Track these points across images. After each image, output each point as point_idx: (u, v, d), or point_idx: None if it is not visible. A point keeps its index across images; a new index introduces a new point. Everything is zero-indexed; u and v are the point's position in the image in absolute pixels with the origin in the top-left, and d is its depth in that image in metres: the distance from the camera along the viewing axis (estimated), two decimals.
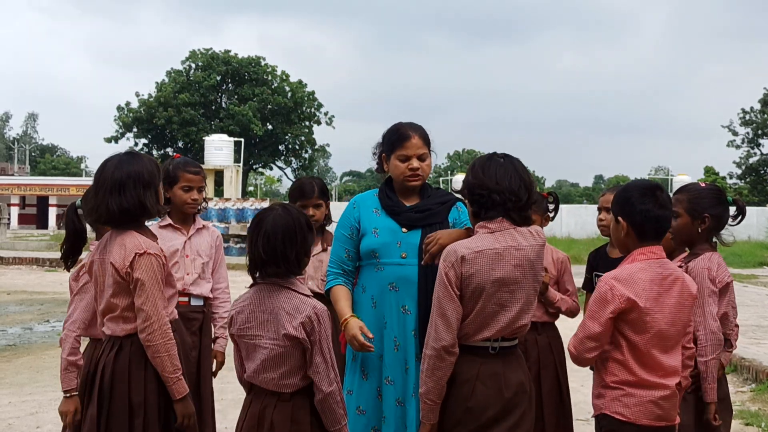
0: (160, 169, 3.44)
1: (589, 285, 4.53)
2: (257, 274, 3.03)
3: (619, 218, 3.14)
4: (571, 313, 4.38)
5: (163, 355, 3.22)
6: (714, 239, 3.62)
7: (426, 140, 3.74)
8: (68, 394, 3.57)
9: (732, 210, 3.67)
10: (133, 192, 3.27)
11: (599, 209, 4.44)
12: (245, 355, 3.05)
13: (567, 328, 4.44)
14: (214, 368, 4.55)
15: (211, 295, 4.57)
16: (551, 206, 4.37)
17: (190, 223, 4.57)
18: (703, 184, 3.67)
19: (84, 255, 3.90)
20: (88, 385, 3.37)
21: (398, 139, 3.72)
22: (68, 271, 3.79)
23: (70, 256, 3.72)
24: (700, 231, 3.53)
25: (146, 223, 3.48)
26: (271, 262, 2.97)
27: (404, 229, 3.66)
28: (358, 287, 3.74)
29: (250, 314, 3.01)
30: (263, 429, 2.95)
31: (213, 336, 4.54)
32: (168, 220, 4.52)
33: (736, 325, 3.66)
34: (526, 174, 3.07)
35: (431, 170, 3.83)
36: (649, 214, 3.07)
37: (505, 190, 2.99)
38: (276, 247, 2.96)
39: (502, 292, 2.96)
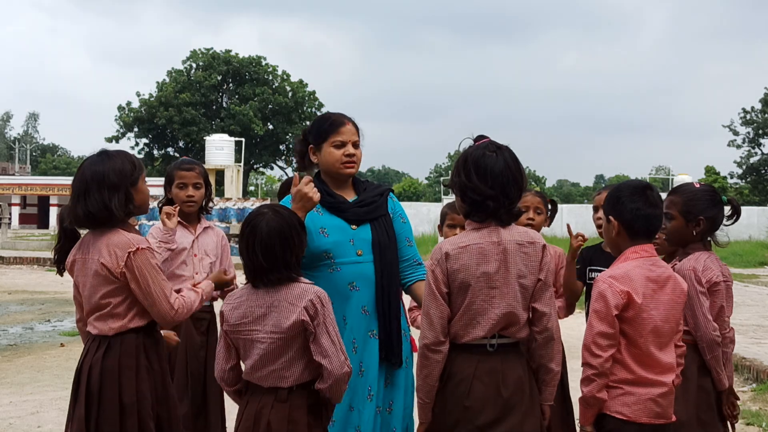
0: (137, 167, 3.36)
1: (579, 276, 4.50)
2: (257, 281, 2.97)
3: (610, 217, 3.16)
4: (559, 314, 4.40)
5: (193, 307, 3.42)
6: (709, 239, 3.61)
7: (358, 129, 3.63)
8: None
9: (727, 210, 3.65)
10: (97, 195, 3.22)
11: (595, 208, 4.46)
12: (242, 353, 3.03)
13: (567, 327, 4.45)
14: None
15: (216, 295, 4.57)
16: (549, 212, 4.43)
17: (195, 222, 4.60)
18: (698, 185, 3.65)
19: None
20: (73, 386, 3.33)
21: (332, 125, 3.58)
22: (61, 275, 3.73)
23: (62, 260, 3.67)
24: (694, 233, 3.52)
25: (149, 223, 3.48)
26: (273, 269, 2.93)
27: (353, 226, 3.55)
28: None
29: (247, 309, 2.98)
30: (260, 429, 2.93)
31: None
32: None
33: (731, 328, 3.63)
34: (517, 166, 3.02)
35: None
36: (639, 212, 3.09)
37: (499, 195, 2.95)
38: (275, 253, 2.92)
39: (488, 288, 2.94)
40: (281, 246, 2.93)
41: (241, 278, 4.71)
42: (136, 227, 4.72)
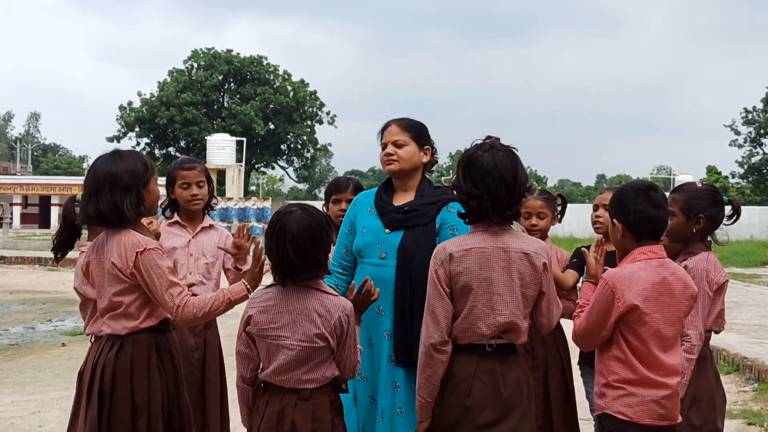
0: (149, 168, 3.37)
1: (576, 267, 4.46)
2: (286, 280, 2.98)
3: (614, 220, 3.15)
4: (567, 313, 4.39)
5: (207, 311, 3.24)
6: (709, 238, 3.62)
7: (407, 128, 3.72)
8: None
9: (727, 210, 3.66)
10: (108, 196, 3.23)
11: (595, 207, 4.44)
12: (265, 356, 3.02)
13: (570, 327, 4.44)
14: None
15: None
16: (559, 207, 4.39)
17: (197, 221, 4.56)
18: (699, 184, 3.67)
19: (77, 254, 3.88)
20: (87, 385, 3.35)
21: (381, 130, 3.78)
22: (57, 263, 3.76)
23: (61, 248, 3.70)
24: (694, 231, 3.54)
25: (154, 220, 3.48)
26: (303, 267, 2.93)
27: (387, 230, 3.65)
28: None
29: (275, 315, 2.97)
30: (284, 428, 2.93)
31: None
32: (176, 218, 4.52)
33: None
34: (510, 167, 2.96)
35: (425, 163, 3.75)
36: (643, 214, 3.08)
37: (483, 195, 2.92)
38: (307, 250, 2.92)
39: (490, 294, 2.92)
40: (312, 243, 2.94)
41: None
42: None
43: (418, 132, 3.74)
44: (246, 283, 3.30)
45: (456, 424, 2.95)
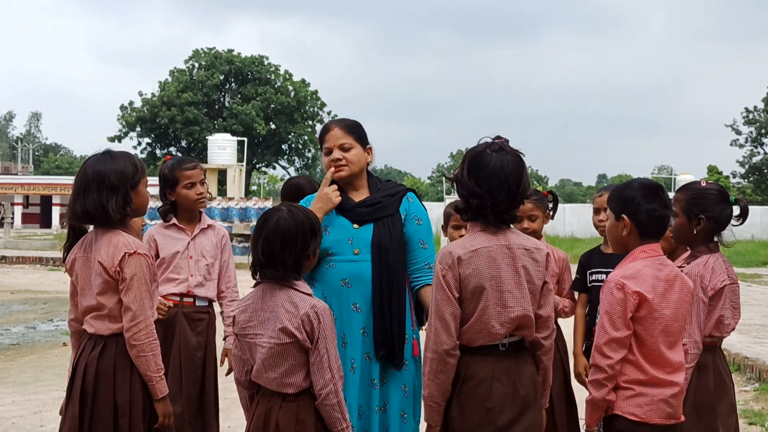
0: (140, 170, 3.36)
1: (581, 285, 4.48)
2: (257, 275, 3.03)
3: (623, 216, 3.10)
4: (566, 315, 4.39)
5: (148, 354, 3.22)
6: (715, 239, 3.55)
7: (350, 130, 3.70)
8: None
9: (735, 210, 3.60)
10: (95, 195, 3.24)
11: (596, 210, 4.41)
12: (250, 356, 3.04)
13: (568, 327, 4.45)
14: (225, 366, 4.48)
15: (214, 297, 4.55)
16: (551, 205, 4.38)
17: (195, 222, 4.53)
18: (704, 183, 3.59)
19: None
20: (69, 383, 3.35)
21: (321, 134, 3.73)
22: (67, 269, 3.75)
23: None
24: (695, 232, 3.47)
25: (151, 222, 3.46)
26: (269, 265, 2.96)
27: (355, 225, 3.63)
28: (309, 282, 3.63)
29: (252, 313, 3.00)
30: (269, 429, 2.93)
31: (224, 335, 4.49)
32: (173, 220, 4.49)
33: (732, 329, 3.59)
34: (515, 171, 2.93)
35: (369, 162, 3.76)
36: (655, 213, 3.06)
37: (485, 194, 2.90)
38: (274, 250, 2.95)
39: (500, 292, 2.91)
40: (281, 245, 2.95)
41: (245, 276, 4.71)
42: (143, 224, 4.68)
43: (360, 133, 3.74)
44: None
45: (478, 427, 2.91)
